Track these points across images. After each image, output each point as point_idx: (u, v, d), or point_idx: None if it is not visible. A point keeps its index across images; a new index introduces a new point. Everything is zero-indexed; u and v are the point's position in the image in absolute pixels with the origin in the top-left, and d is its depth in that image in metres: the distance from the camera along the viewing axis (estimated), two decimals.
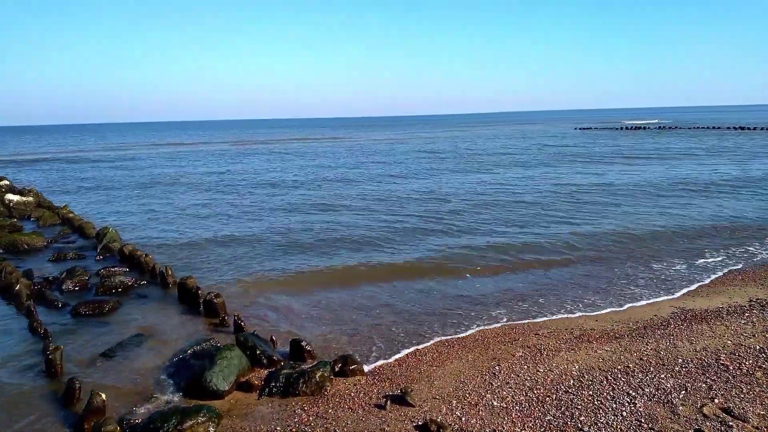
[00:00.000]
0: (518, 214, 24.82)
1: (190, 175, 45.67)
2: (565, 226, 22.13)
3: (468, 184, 35.41)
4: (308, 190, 35.05)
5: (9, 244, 19.83)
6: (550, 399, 8.64)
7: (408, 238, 20.59)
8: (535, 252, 18.16)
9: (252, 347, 10.19)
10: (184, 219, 25.92)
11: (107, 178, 45.51)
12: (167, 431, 7.59)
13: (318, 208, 27.80)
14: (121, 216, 27.28)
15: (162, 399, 9.00)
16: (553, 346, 10.70)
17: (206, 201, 31.48)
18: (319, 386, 9.13)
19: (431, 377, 9.53)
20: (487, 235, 20.86)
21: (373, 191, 33.32)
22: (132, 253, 17.25)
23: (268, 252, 19.03)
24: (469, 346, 10.91)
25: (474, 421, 8.07)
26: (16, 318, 12.83)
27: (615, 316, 12.45)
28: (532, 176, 38.71)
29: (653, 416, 8.01)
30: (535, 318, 12.53)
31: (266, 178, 41.85)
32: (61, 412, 8.60)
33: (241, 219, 25.54)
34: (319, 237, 21.20)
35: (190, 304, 13.42)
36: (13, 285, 14.18)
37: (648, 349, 10.49)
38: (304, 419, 8.28)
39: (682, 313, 12.41)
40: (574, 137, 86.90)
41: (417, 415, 8.25)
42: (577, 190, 31.78)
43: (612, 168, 42.36)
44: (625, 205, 26.59)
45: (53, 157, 73.79)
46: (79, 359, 10.59)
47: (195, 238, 21.51)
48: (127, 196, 34.66)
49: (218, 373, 9.10)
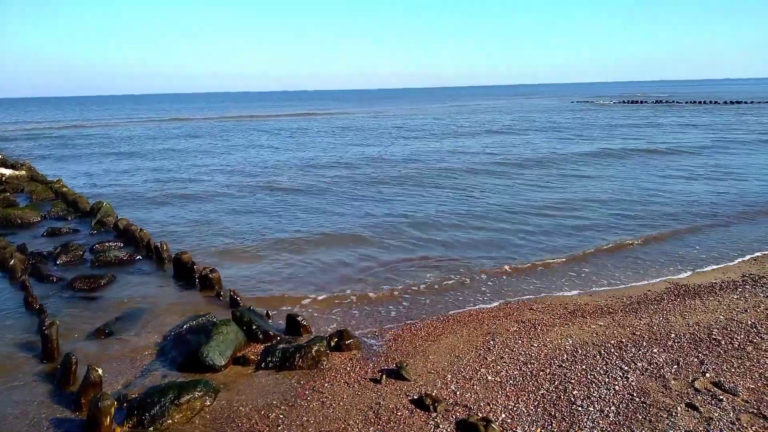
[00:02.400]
0: (513, 184, 24.82)
1: (183, 150, 45.37)
2: (554, 195, 22.14)
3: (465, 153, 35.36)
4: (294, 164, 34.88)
5: (2, 219, 19.72)
6: (544, 373, 8.74)
7: (394, 209, 20.57)
8: (533, 227, 18.19)
9: (248, 322, 10.23)
10: (178, 194, 25.80)
11: (103, 151, 45.18)
12: (164, 405, 7.64)
13: (313, 185, 27.69)
14: (116, 190, 27.12)
15: (158, 374, 9.05)
16: (548, 321, 10.78)
17: (202, 176, 31.30)
18: (315, 360, 9.19)
19: (426, 352, 9.61)
20: (483, 207, 20.86)
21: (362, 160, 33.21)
22: (127, 228, 17.19)
23: (265, 226, 18.99)
24: (463, 321, 10.98)
25: (469, 395, 8.15)
26: (11, 293, 12.81)
27: (609, 292, 12.54)
28: (519, 144, 38.65)
29: (645, 390, 8.12)
30: (530, 293, 12.60)
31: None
32: (57, 388, 8.63)
33: (237, 193, 25.44)
34: (317, 213, 21.15)
35: (185, 279, 13.42)
36: (7, 260, 14.13)
37: (641, 324, 10.59)
38: (300, 393, 8.35)
39: (676, 288, 12.50)
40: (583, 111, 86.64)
41: (412, 390, 8.33)
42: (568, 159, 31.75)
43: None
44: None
45: (40, 130, 73.03)
46: (75, 334, 10.61)
47: (190, 213, 21.44)
48: (116, 169, 34.44)
49: (215, 348, 9.14)
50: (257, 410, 7.92)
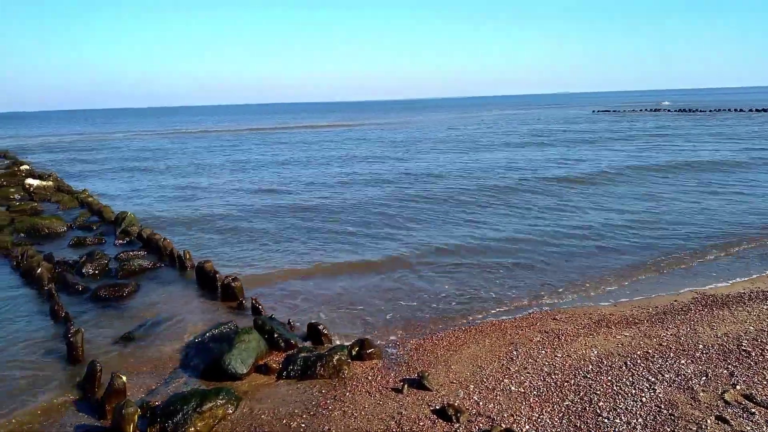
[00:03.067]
0: (536, 200, 24.60)
1: (207, 162, 45.90)
2: (585, 213, 21.91)
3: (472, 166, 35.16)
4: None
5: (30, 228, 20.10)
6: (569, 384, 8.60)
7: (423, 223, 20.52)
8: (553, 238, 18.00)
9: (270, 330, 10.25)
10: (201, 202, 26.07)
11: (123, 161, 45.91)
12: (187, 413, 7.66)
13: (338, 192, 27.77)
14: (138, 199, 27.50)
15: (181, 381, 9.10)
16: (572, 332, 10.62)
17: (223, 186, 31.61)
18: (336, 369, 9.16)
19: (448, 362, 9.52)
20: (502, 222, 20.71)
21: (396, 171, 33.24)
22: (150, 237, 17.39)
23: (285, 236, 19.06)
24: (486, 331, 10.87)
25: (491, 405, 8.05)
26: (38, 301, 13.02)
27: (634, 301, 12.32)
28: (553, 159, 38.28)
29: (673, 402, 7.93)
30: (554, 303, 12.45)
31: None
32: (82, 394, 8.72)
33: (260, 204, 25.61)
34: (338, 222, 21.20)
35: (208, 287, 13.52)
36: (34, 268, 14.37)
37: (668, 334, 10.38)
38: (322, 402, 8.32)
39: (703, 298, 12.24)
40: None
41: (434, 399, 8.25)
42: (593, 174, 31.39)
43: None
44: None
45: (58, 143, 74.49)
46: (100, 342, 10.72)
47: (213, 222, 21.63)
48: (141, 179, 34.94)
49: (236, 356, 9.16)
50: (279, 419, 7.90)
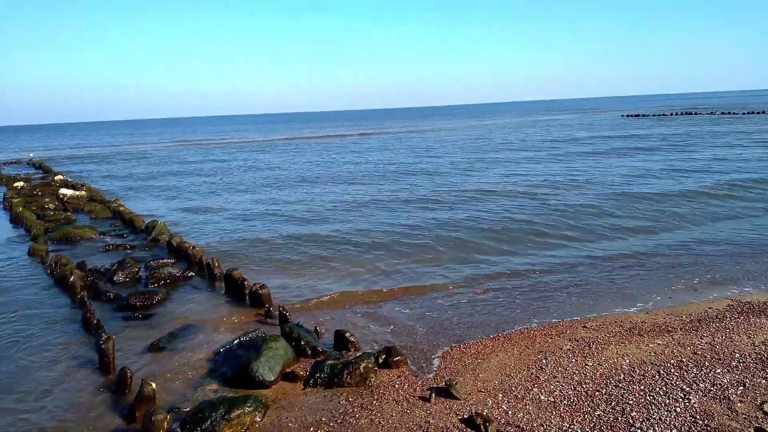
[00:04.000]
0: (566, 210, 24.29)
1: (232, 171, 46.45)
2: (614, 219, 21.55)
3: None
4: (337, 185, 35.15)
5: (63, 237, 20.56)
6: (600, 394, 8.42)
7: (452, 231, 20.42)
8: (584, 243, 17.74)
9: (297, 338, 10.27)
10: (229, 211, 26.35)
11: (150, 173, 46.72)
12: (215, 420, 7.70)
13: (361, 205, 27.82)
14: (167, 209, 27.93)
15: (210, 388, 9.16)
16: (603, 340, 10.42)
17: (250, 196, 31.92)
18: (363, 377, 9.12)
19: (476, 370, 9.41)
20: (536, 232, 20.49)
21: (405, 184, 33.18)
22: (180, 245, 17.62)
23: (312, 244, 19.12)
24: (514, 339, 10.72)
25: (521, 415, 7.93)
26: (71, 309, 13.27)
27: (667, 309, 12.04)
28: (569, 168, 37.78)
29: (709, 413, 7.71)
30: (583, 311, 12.23)
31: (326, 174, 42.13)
32: (113, 400, 8.85)
33: (288, 213, 25.78)
34: (364, 232, 21.20)
35: (236, 295, 13.62)
36: (67, 276, 14.65)
37: (702, 343, 10.12)
38: (349, 410, 8.29)
39: (739, 305, 11.91)
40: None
41: (462, 408, 8.15)
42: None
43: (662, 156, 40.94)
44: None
45: (77, 154, 76.10)
46: (131, 349, 10.87)
47: (240, 230, 21.84)
48: (166, 189, 35.48)
49: (264, 364, 9.19)
50: (306, 427, 7.89)
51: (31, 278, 15.98)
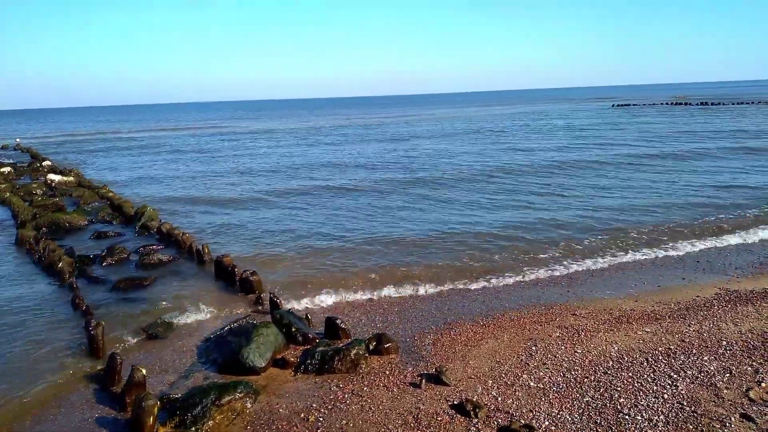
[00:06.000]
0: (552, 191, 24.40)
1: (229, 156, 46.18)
2: (601, 200, 21.67)
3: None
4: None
5: (52, 223, 20.36)
6: (589, 380, 8.50)
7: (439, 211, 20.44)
8: (567, 229, 17.82)
9: (287, 324, 10.27)
10: (219, 198, 26.23)
11: (138, 158, 46.36)
12: (206, 406, 7.70)
13: (353, 188, 27.77)
14: (159, 195, 27.74)
15: (200, 375, 9.15)
16: (592, 327, 10.50)
17: (244, 180, 31.77)
18: (354, 364, 9.15)
19: (466, 357, 9.46)
20: (523, 210, 20.56)
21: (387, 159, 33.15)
22: (169, 231, 17.53)
23: (305, 230, 19.09)
24: (504, 326, 10.78)
25: (510, 401, 7.99)
26: (60, 294, 13.17)
27: (655, 297, 12.13)
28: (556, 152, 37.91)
29: (696, 399, 7.81)
30: (572, 298, 12.31)
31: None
32: (102, 387, 8.81)
33: (285, 201, 25.69)
34: (357, 215, 21.19)
35: (226, 281, 13.58)
36: (56, 262, 14.56)
37: (690, 330, 10.22)
38: (340, 396, 8.32)
39: (727, 294, 12.03)
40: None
41: (452, 395, 8.20)
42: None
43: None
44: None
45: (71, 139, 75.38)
46: (120, 335, 10.82)
47: (231, 217, 21.75)
48: (155, 174, 35.24)
49: (255, 350, 9.19)
50: (297, 413, 7.91)
51: (18, 264, 15.85)
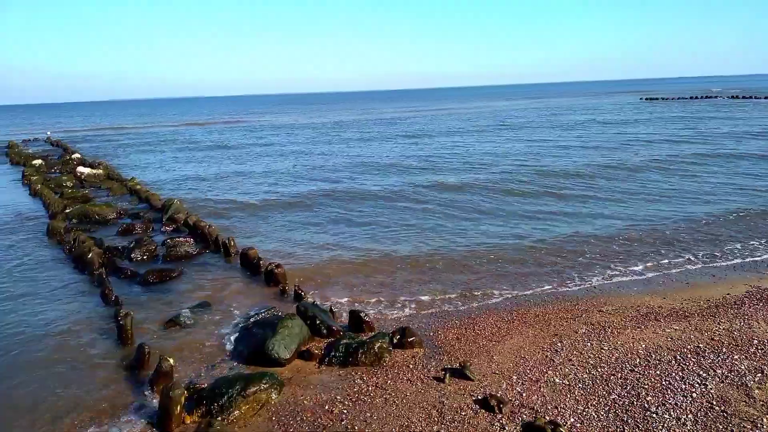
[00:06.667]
0: (587, 188, 24.09)
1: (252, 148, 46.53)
2: (628, 201, 21.35)
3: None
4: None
5: (81, 215, 20.75)
6: (615, 377, 8.40)
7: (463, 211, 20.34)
8: (594, 226, 17.60)
9: (312, 317, 10.32)
10: (244, 188, 26.44)
11: (165, 151, 46.95)
12: (232, 397, 7.79)
13: (375, 178, 27.76)
14: (186, 188, 28.08)
15: (226, 365, 9.26)
16: (618, 324, 10.37)
17: (270, 177, 31.98)
18: (377, 357, 9.17)
19: (490, 352, 9.42)
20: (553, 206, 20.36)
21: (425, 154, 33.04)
22: (196, 224, 17.73)
23: (327, 223, 19.18)
24: (529, 321, 10.70)
25: (535, 397, 7.93)
26: (89, 285, 13.42)
27: (684, 294, 11.92)
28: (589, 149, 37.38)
29: (726, 399, 7.66)
30: (598, 294, 12.16)
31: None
32: (131, 375, 8.98)
33: (306, 193, 25.82)
34: (381, 211, 21.20)
35: (251, 273, 13.72)
36: (86, 253, 14.82)
37: (720, 329, 10.03)
38: (364, 389, 8.34)
39: (758, 292, 11.77)
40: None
41: (476, 390, 8.17)
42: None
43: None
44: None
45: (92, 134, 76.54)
46: (148, 325, 11.00)
47: (257, 209, 21.93)
48: (184, 167, 35.65)
49: (280, 342, 9.26)
50: (320, 405, 7.96)
51: (49, 255, 16.18)
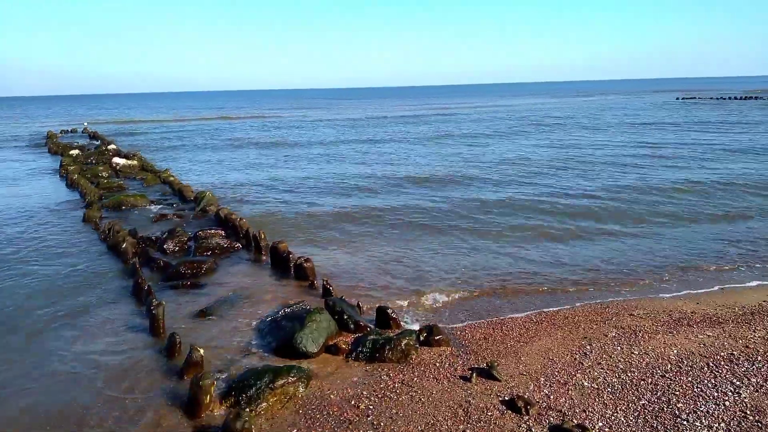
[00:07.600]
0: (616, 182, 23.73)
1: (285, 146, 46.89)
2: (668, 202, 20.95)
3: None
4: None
5: (116, 204, 21.23)
6: (645, 383, 8.27)
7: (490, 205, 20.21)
8: (632, 223, 17.32)
9: (340, 312, 10.39)
10: (278, 184, 26.69)
11: (197, 144, 47.60)
12: (260, 388, 7.90)
13: (410, 182, 27.76)
14: (218, 180, 28.46)
15: (255, 357, 9.38)
16: (650, 328, 10.21)
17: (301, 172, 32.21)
18: (404, 354, 9.19)
19: (518, 353, 9.36)
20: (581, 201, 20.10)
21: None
22: (227, 217, 17.97)
23: (358, 218, 19.26)
24: (558, 323, 10.60)
25: (563, 400, 7.86)
26: (123, 274, 13.72)
27: (718, 300, 11.68)
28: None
29: (761, 409, 7.49)
30: (628, 297, 11.98)
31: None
32: (162, 364, 9.16)
33: (334, 188, 25.95)
34: (411, 206, 21.20)
35: (281, 267, 13.85)
36: (120, 243, 15.15)
37: (755, 336, 9.80)
38: (390, 385, 8.38)
39: None
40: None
41: (503, 390, 8.14)
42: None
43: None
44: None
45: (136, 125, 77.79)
46: (180, 316, 11.21)
47: (288, 203, 22.12)
48: (210, 158, 36.11)
49: (308, 335, 9.35)
50: (347, 400, 8.02)
51: (85, 243, 16.58)
